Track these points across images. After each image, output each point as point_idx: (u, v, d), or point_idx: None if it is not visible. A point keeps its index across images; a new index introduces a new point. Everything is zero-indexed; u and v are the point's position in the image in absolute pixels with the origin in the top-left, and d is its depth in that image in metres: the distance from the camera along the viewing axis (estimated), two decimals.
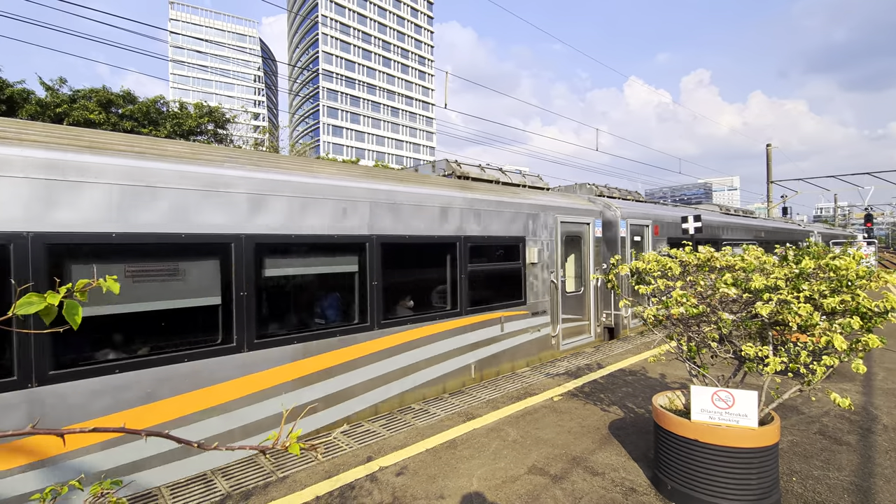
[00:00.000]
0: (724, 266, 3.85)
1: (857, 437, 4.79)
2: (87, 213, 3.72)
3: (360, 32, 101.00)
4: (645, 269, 4.05)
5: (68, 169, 3.65)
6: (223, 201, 4.44)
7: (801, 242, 18.66)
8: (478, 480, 3.96)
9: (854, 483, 3.89)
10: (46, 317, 1.05)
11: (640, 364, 7.63)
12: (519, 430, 5.01)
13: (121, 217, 3.87)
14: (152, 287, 4.11)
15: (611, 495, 3.72)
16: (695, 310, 3.55)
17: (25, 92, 20.20)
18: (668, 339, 4.07)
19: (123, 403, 3.83)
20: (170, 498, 3.74)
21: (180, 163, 4.26)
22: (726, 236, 14.99)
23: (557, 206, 8.78)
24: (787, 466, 4.16)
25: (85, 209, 3.72)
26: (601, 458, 4.37)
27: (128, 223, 3.90)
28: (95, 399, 3.71)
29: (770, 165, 30.71)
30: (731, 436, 3.28)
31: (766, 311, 3.20)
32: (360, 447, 4.62)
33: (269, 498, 3.71)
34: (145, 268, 4.06)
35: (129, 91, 21.99)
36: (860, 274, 3.23)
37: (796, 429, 4.99)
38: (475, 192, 7.25)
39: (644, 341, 9.43)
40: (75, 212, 3.68)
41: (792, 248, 3.86)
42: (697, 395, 3.46)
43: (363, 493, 3.77)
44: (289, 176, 5.01)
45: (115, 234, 3.83)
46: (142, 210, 3.98)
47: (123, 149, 4.02)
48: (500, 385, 6.60)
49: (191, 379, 4.17)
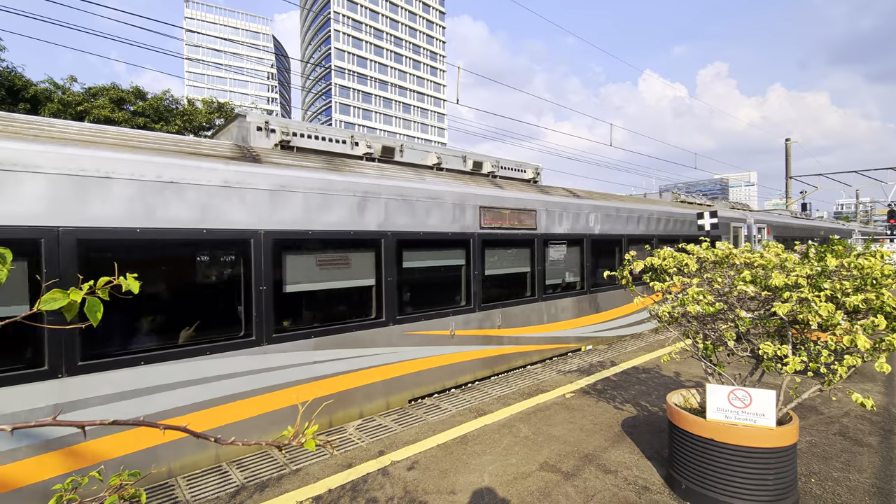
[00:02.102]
0: (742, 263, 3.77)
1: (878, 438, 4.68)
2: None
3: (373, 29, 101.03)
4: (661, 266, 3.99)
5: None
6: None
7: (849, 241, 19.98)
8: (489, 476, 3.96)
9: (875, 485, 3.80)
10: (91, 312, 1.07)
11: (654, 362, 7.54)
12: (531, 427, 4.99)
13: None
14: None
15: (623, 493, 3.69)
16: (711, 308, 3.49)
17: (48, 90, 20.63)
18: (683, 336, 4.01)
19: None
20: (186, 488, 3.81)
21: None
22: (796, 235, 18.81)
23: (736, 217, 13.77)
24: (805, 467, 4.08)
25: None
26: (614, 455, 4.33)
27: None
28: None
29: (789, 161, 30.03)
30: (747, 435, 3.22)
31: (784, 310, 3.13)
32: (372, 442, 4.65)
33: (283, 490, 3.76)
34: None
35: (139, 87, 22.30)
36: (885, 272, 3.14)
37: (815, 429, 4.89)
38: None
39: (658, 339, 9.32)
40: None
41: (814, 246, 3.76)
42: (713, 394, 3.40)
43: (375, 487, 3.79)
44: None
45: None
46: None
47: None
48: (511, 381, 6.59)
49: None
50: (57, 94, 20.55)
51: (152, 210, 4.05)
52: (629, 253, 4.25)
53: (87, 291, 1.07)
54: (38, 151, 3.58)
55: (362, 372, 5.48)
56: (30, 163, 3.53)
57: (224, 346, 4.40)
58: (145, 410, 3.99)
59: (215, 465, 4.25)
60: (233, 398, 4.46)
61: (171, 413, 4.12)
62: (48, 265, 3.55)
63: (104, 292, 1.12)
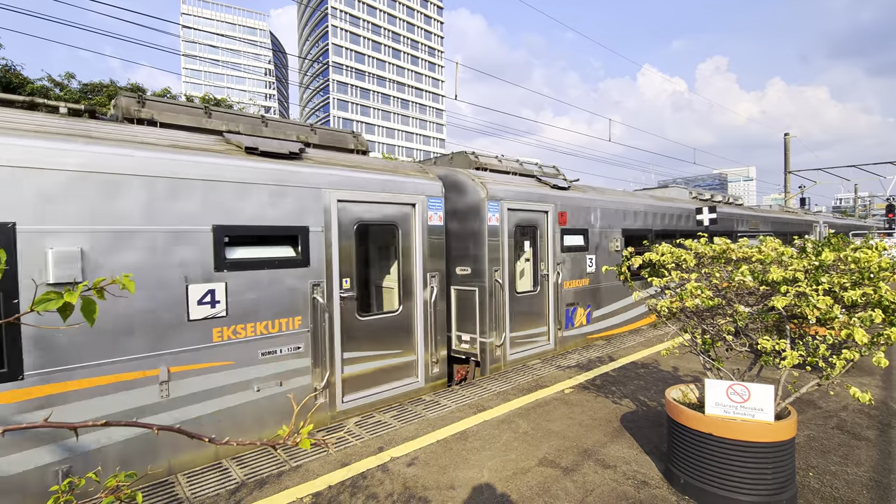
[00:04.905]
0: (740, 258, 3.77)
1: (876, 432, 4.70)
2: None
3: (370, 24, 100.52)
4: (659, 261, 3.99)
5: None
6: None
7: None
8: (489, 472, 3.98)
9: (873, 479, 3.82)
10: (63, 313, 1.06)
11: (653, 357, 7.56)
12: (530, 423, 5.00)
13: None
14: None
15: (622, 488, 3.71)
16: (710, 302, 3.49)
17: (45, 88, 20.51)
18: (681, 331, 4.02)
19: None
20: (186, 485, 3.82)
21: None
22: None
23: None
24: (803, 461, 4.10)
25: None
26: (613, 450, 4.35)
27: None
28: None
29: (788, 155, 30.00)
30: (746, 430, 3.23)
31: (782, 303, 3.13)
32: (371, 438, 4.66)
33: (283, 486, 3.77)
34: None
35: (137, 84, 22.17)
36: (883, 266, 3.14)
37: (813, 423, 4.91)
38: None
39: (657, 334, 9.34)
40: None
41: (811, 240, 3.76)
42: (712, 389, 3.41)
43: (375, 483, 3.80)
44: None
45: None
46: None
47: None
48: (510, 377, 6.60)
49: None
50: (54, 92, 20.44)
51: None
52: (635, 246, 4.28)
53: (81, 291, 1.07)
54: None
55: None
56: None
57: None
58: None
59: (215, 462, 4.25)
60: None
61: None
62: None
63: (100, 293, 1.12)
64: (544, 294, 7.83)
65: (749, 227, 14.01)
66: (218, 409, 4.34)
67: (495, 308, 6.91)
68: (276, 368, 4.71)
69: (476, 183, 6.94)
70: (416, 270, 6.07)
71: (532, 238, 7.85)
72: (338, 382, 5.21)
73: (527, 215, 7.56)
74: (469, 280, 6.97)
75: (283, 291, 4.74)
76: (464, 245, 7.02)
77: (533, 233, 7.82)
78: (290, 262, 4.82)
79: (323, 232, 5.07)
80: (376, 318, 5.81)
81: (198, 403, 4.22)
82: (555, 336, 7.96)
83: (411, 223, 6.03)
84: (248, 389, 4.51)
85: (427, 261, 6.13)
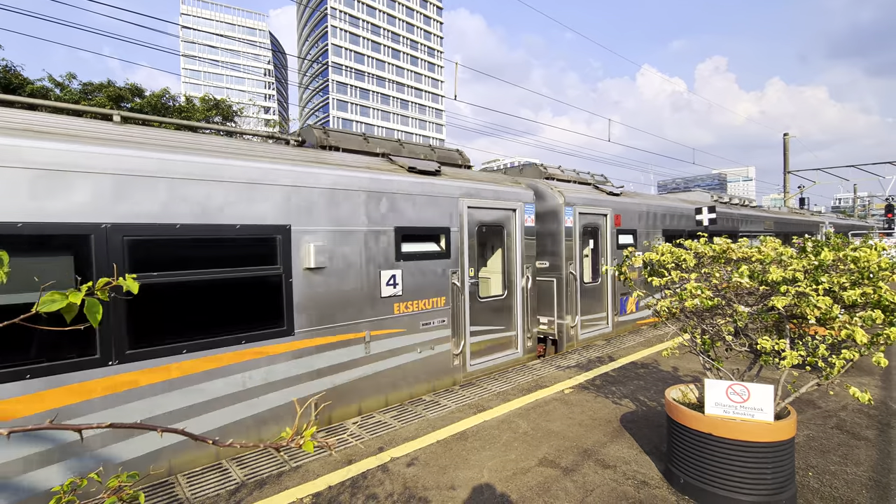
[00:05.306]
0: (740, 258, 3.78)
1: (875, 431, 4.71)
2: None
3: (370, 24, 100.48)
4: (659, 261, 3.99)
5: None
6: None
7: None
8: (489, 472, 3.98)
9: (872, 478, 3.82)
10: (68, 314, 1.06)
11: (653, 357, 7.57)
12: (530, 423, 5.01)
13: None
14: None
15: (622, 488, 3.71)
16: (710, 302, 3.50)
17: (45, 89, 20.48)
18: (681, 331, 4.02)
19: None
20: (186, 486, 3.82)
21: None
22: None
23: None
24: (803, 461, 4.10)
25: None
26: (613, 450, 4.35)
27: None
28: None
29: (787, 155, 30.02)
30: (746, 430, 3.23)
31: (782, 303, 3.14)
32: (371, 438, 4.66)
33: (283, 487, 3.77)
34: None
35: (136, 84, 22.14)
36: (882, 266, 3.15)
37: (813, 423, 4.91)
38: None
39: (656, 334, 9.35)
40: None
41: (811, 240, 3.77)
42: (712, 389, 3.42)
43: (375, 483, 3.81)
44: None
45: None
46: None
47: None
48: (510, 377, 6.61)
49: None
50: (54, 93, 20.42)
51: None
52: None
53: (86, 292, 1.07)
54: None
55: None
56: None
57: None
58: None
59: (215, 462, 4.25)
60: None
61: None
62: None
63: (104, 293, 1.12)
64: (604, 285, 9.16)
65: (765, 227, 15.40)
66: (396, 365, 5.68)
67: (569, 296, 8.24)
68: (430, 336, 6.11)
69: (554, 191, 8.36)
70: (517, 263, 7.45)
71: (594, 237, 9.12)
72: (467, 350, 6.64)
73: (592, 218, 8.89)
74: (547, 272, 8.28)
75: (434, 277, 6.13)
76: (543, 243, 8.28)
77: (594, 232, 9.09)
78: (437, 255, 6.20)
79: (458, 231, 6.44)
80: (490, 300, 7.13)
81: (383, 360, 5.54)
82: (612, 320, 9.30)
83: (513, 224, 7.45)
84: (413, 352, 5.90)
85: (524, 255, 7.51)
